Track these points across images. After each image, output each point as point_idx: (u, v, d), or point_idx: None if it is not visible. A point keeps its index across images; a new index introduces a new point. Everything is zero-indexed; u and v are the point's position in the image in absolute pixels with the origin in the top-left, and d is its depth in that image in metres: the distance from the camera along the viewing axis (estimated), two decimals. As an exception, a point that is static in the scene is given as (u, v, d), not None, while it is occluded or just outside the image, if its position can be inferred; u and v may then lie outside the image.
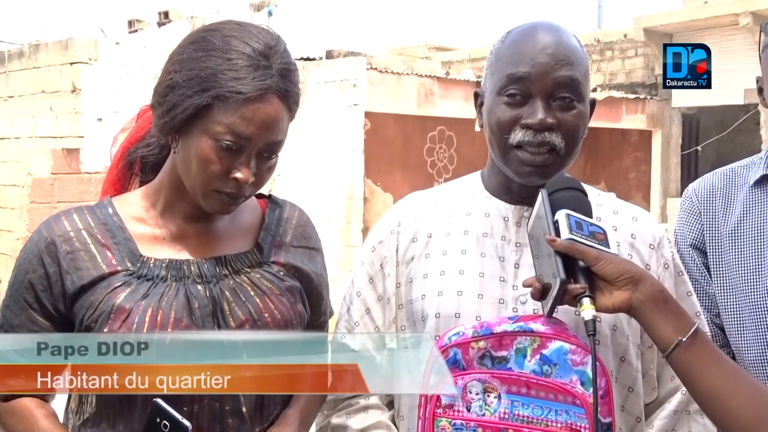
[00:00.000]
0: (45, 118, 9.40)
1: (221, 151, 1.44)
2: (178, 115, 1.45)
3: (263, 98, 1.43)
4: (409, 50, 17.42)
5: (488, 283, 1.53)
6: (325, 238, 1.78)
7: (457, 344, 1.43)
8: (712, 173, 1.86)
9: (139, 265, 1.50)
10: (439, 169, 11.28)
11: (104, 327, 1.44)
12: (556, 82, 1.49)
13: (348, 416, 1.62)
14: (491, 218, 1.59)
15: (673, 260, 1.62)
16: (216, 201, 1.49)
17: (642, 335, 1.56)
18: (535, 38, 1.52)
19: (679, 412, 1.57)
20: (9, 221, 9.46)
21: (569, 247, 1.34)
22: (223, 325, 1.48)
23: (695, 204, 1.81)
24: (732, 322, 1.75)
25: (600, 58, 14.75)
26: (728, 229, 1.75)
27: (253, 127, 1.43)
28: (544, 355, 1.41)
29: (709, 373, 1.32)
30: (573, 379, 1.41)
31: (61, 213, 1.55)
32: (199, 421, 1.46)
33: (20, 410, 1.50)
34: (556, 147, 1.49)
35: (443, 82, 10.68)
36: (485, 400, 1.41)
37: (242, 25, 1.50)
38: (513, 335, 1.42)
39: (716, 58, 3.76)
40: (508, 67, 1.51)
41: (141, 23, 15.26)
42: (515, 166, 1.51)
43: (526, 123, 1.48)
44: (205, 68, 1.43)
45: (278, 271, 1.59)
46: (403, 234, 1.63)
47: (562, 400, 1.40)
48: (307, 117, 10.02)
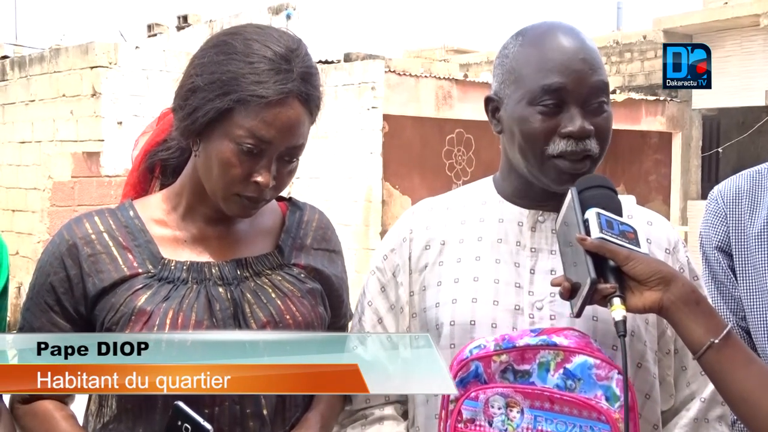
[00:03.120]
0: (66, 121, 9.48)
1: (242, 155, 1.43)
2: (200, 118, 1.45)
3: (284, 102, 1.43)
4: (427, 53, 17.42)
5: (503, 289, 1.51)
6: (343, 241, 1.77)
7: (478, 357, 1.41)
8: (738, 175, 1.84)
9: (160, 267, 1.50)
10: (457, 172, 11.26)
11: (125, 329, 1.45)
12: (591, 89, 1.47)
13: (363, 428, 1.61)
14: (505, 223, 1.57)
15: (689, 264, 1.60)
16: (237, 204, 1.49)
17: (659, 341, 1.54)
18: (560, 43, 1.48)
19: (699, 420, 1.55)
20: (30, 224, 9.54)
21: (600, 246, 1.32)
22: (245, 327, 1.48)
23: (721, 206, 1.80)
24: (758, 324, 1.73)
25: (619, 60, 14.68)
26: (754, 231, 1.73)
27: (274, 130, 1.43)
28: (567, 370, 1.39)
29: (741, 375, 1.31)
30: (598, 394, 1.38)
31: (82, 216, 1.56)
32: (219, 424, 1.46)
33: (41, 413, 1.51)
34: (593, 153, 1.47)
35: (461, 84, 10.66)
36: (508, 415, 1.39)
37: (263, 28, 1.50)
38: (536, 349, 1.40)
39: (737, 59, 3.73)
40: (540, 77, 1.46)
41: (160, 27, 15.35)
42: (553, 175, 1.48)
43: (567, 132, 1.45)
44: (226, 72, 1.44)
45: (299, 273, 1.59)
46: (416, 242, 1.61)
47: (587, 416, 1.37)
48: (325, 120, 9.98)
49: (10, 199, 10.21)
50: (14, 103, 10.50)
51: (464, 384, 1.41)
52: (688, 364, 1.56)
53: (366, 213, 10.00)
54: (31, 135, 10.07)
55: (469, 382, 1.41)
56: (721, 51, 11.94)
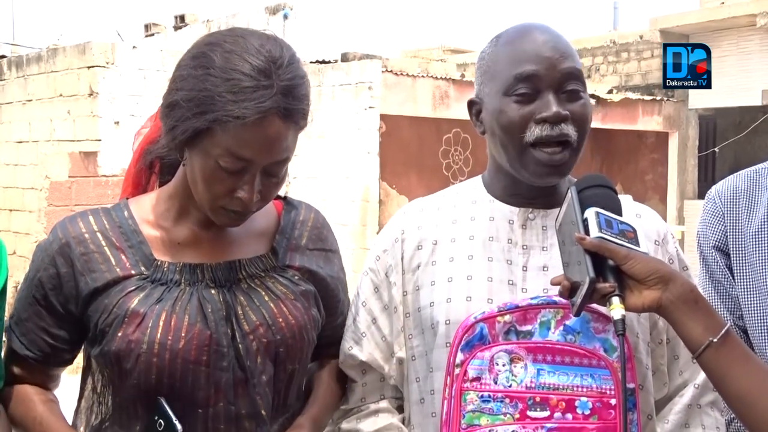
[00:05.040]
0: (63, 121, 9.46)
1: (223, 173, 1.42)
2: (179, 136, 1.44)
3: (263, 121, 1.39)
4: (424, 53, 17.43)
5: (497, 287, 1.53)
6: (340, 240, 1.77)
7: (483, 319, 1.47)
8: (736, 175, 1.84)
9: (153, 269, 1.50)
10: (454, 172, 11.27)
11: (118, 331, 1.45)
12: (563, 75, 1.49)
13: (358, 420, 1.63)
14: (496, 222, 1.58)
15: (678, 256, 1.63)
16: (223, 216, 1.48)
17: (651, 332, 1.57)
18: (533, 36, 1.52)
19: (692, 406, 1.59)
20: (27, 224, 9.53)
21: (598, 245, 1.32)
22: (237, 330, 1.48)
23: (718, 205, 1.80)
24: (755, 324, 1.73)
25: (616, 60, 14.69)
26: (752, 230, 1.74)
27: (254, 149, 1.40)
28: (567, 325, 1.45)
29: (740, 374, 1.31)
30: (596, 346, 1.45)
31: (77, 214, 1.56)
32: (214, 424, 1.47)
33: (20, 395, 1.55)
34: (571, 139, 1.49)
35: (458, 84, 10.66)
36: (512, 370, 1.44)
37: (245, 37, 1.45)
38: (537, 308, 1.47)
39: (733, 59, 3.74)
40: (513, 67, 1.50)
41: (157, 27, 15.34)
42: (533, 167, 1.50)
43: (541, 117, 1.47)
44: (203, 89, 1.40)
45: (293, 276, 1.59)
46: (408, 242, 1.62)
47: (587, 364, 1.44)
48: (322, 120, 10.03)
49: (7, 199, 10.20)
50: (11, 103, 10.48)
51: (470, 346, 1.46)
52: (680, 353, 1.60)
53: (363, 213, 10.00)
54: (28, 135, 10.05)
55: (474, 345, 1.46)
56: (717, 51, 11.94)
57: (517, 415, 1.43)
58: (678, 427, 1.58)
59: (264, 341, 1.50)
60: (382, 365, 1.62)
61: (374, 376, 1.64)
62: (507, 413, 1.43)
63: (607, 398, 1.43)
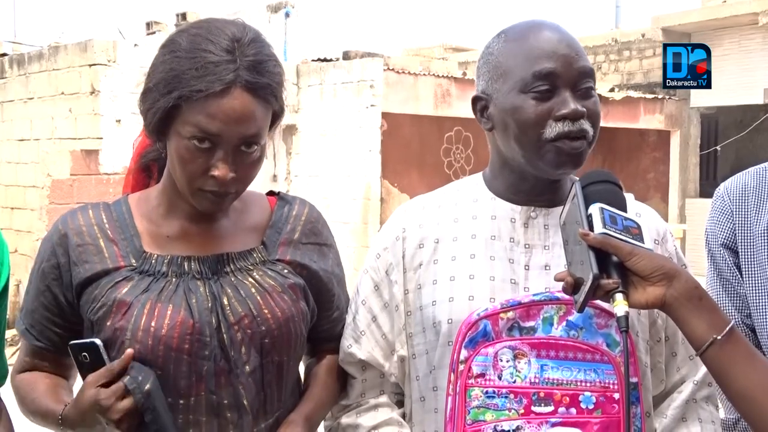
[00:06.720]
0: (64, 119, 9.47)
1: (195, 151, 1.44)
2: (151, 118, 1.47)
3: (227, 93, 1.42)
4: (426, 51, 17.42)
5: (499, 286, 1.53)
6: (342, 238, 1.78)
7: (486, 316, 1.47)
8: (745, 172, 1.84)
9: (142, 260, 1.53)
10: (455, 170, 11.26)
11: (107, 320, 1.49)
12: (579, 73, 1.50)
13: (358, 415, 1.64)
14: (498, 220, 1.58)
15: (677, 254, 1.63)
16: (203, 200, 1.50)
17: (650, 330, 1.58)
18: (545, 33, 1.53)
19: (689, 401, 1.60)
20: (29, 222, 9.54)
21: (602, 241, 1.32)
22: (222, 320, 1.50)
23: (727, 203, 1.79)
24: (763, 322, 1.73)
25: (618, 58, 14.68)
26: (760, 228, 1.73)
27: (220, 122, 1.42)
28: (570, 321, 1.46)
29: (744, 372, 1.31)
30: (599, 341, 1.46)
31: (78, 208, 1.61)
32: (195, 415, 1.48)
33: (28, 379, 1.60)
34: (588, 134, 1.50)
35: (460, 82, 10.65)
36: (516, 366, 1.45)
37: (211, 22, 1.50)
38: (540, 304, 1.47)
39: (735, 57, 3.70)
40: (530, 65, 1.50)
41: (159, 25, 15.31)
42: (551, 157, 1.50)
43: (561, 114, 1.48)
44: (170, 70, 1.44)
45: (282, 269, 1.60)
46: (409, 240, 1.62)
47: (590, 359, 1.45)
48: (324, 118, 10.03)
49: (9, 197, 10.21)
50: (13, 101, 10.49)
51: (473, 343, 1.47)
52: (678, 350, 1.61)
53: (365, 211, 10.00)
54: (29, 133, 10.06)
55: (478, 342, 1.47)
56: (719, 49, 11.94)
57: (521, 411, 1.44)
58: (676, 421, 1.59)
59: (249, 332, 1.51)
60: (381, 363, 1.63)
61: (374, 373, 1.65)
62: (512, 408, 1.44)
63: (610, 392, 1.44)
